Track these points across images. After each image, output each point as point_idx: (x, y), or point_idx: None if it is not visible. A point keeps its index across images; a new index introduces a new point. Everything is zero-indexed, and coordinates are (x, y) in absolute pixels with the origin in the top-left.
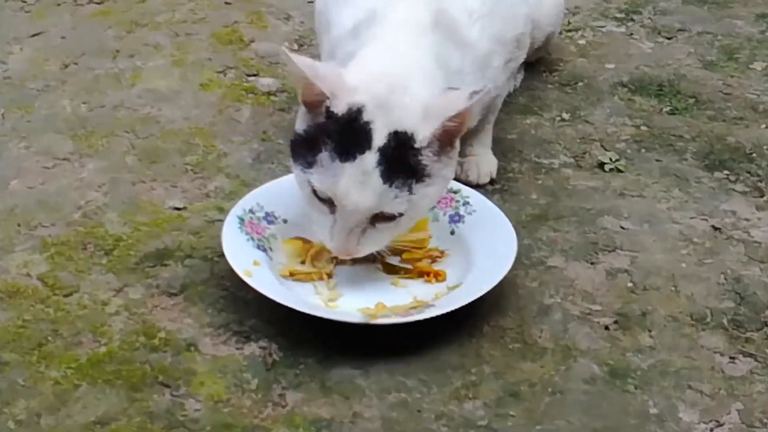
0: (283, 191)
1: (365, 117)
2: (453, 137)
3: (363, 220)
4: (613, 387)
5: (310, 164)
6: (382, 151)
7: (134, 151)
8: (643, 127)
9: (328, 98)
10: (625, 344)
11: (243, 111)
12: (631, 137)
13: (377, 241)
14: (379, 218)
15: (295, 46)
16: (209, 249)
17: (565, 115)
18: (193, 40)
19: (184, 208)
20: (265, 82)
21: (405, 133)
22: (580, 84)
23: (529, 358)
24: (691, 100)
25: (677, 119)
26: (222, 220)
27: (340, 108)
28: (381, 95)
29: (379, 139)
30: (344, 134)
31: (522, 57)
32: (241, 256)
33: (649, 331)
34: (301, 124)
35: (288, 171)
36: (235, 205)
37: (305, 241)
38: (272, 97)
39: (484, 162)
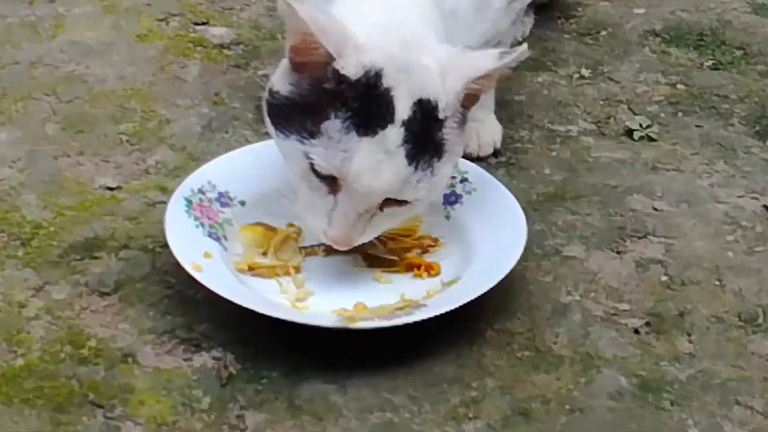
0: (239, 166)
1: (385, 83)
2: (471, 104)
3: (374, 206)
4: (644, 403)
5: (311, 134)
6: (408, 125)
7: (56, 117)
8: (679, 86)
9: (334, 59)
10: (659, 351)
11: (190, 68)
12: (666, 98)
13: (381, 227)
14: (392, 202)
15: None
16: (149, 238)
17: (585, 72)
18: None
19: (119, 188)
20: (217, 33)
21: (429, 102)
22: (603, 33)
23: (542, 368)
24: (739, 53)
25: (721, 76)
26: (165, 203)
27: (351, 70)
28: (398, 55)
29: (403, 110)
30: (361, 103)
31: None
32: (189, 247)
33: (689, 334)
34: (284, 83)
35: (247, 141)
36: (180, 184)
37: (267, 227)
38: (225, 51)
39: (486, 129)
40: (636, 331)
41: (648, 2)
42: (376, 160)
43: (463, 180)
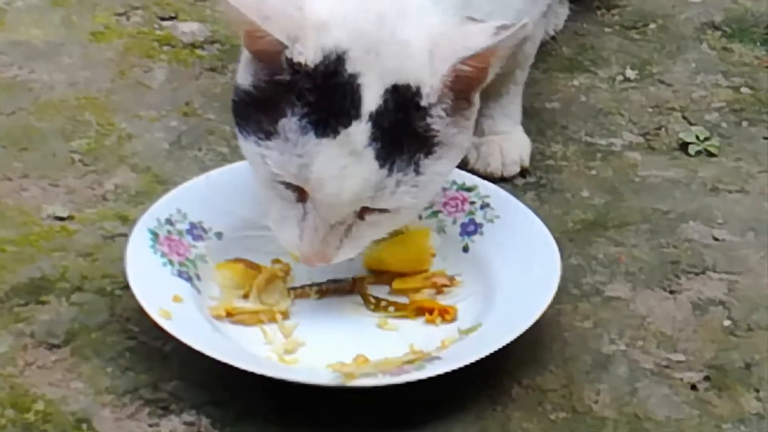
0: (215, 191)
1: (349, 68)
2: (470, 89)
3: (348, 216)
4: None
5: (267, 134)
6: (377, 119)
7: None
8: (744, 89)
9: (286, 47)
10: (721, 411)
11: (155, 72)
12: (727, 104)
13: (364, 239)
14: (372, 209)
15: None
16: (108, 278)
17: (630, 73)
18: None
19: (70, 218)
20: (188, 29)
21: (408, 87)
22: (652, 26)
23: None
24: None
25: None
26: (126, 235)
27: (309, 55)
28: (368, 31)
29: (371, 100)
30: (319, 95)
31: None
32: (155, 289)
33: (756, 391)
34: (245, 75)
35: (224, 161)
36: (144, 213)
37: (249, 264)
38: (197, 51)
39: (512, 144)
40: (693, 387)
41: None
42: (339, 165)
43: (484, 206)
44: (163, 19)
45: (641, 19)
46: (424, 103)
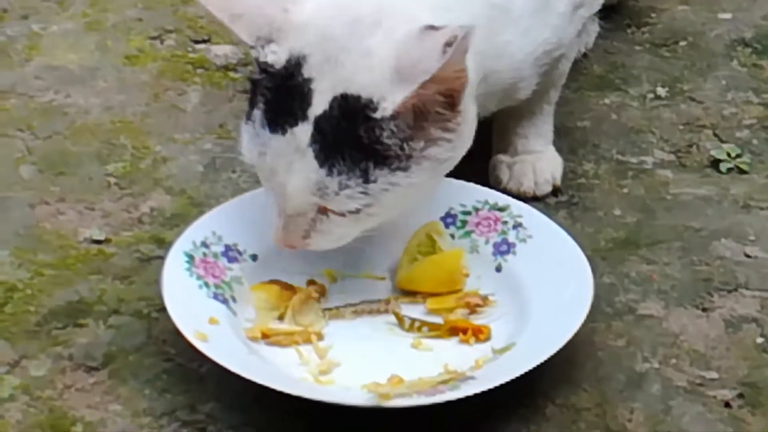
0: (250, 214)
1: (305, 72)
2: (451, 98)
3: (305, 209)
4: None
5: (247, 117)
6: (319, 122)
7: (32, 157)
8: None
9: (251, 47)
10: (755, 428)
11: (189, 95)
12: (759, 121)
13: (336, 234)
14: (329, 209)
15: None
16: (144, 301)
17: (661, 91)
18: None
19: (107, 241)
20: (221, 52)
21: (358, 98)
22: (683, 44)
23: None
24: None
25: None
26: (162, 258)
27: (279, 57)
28: (335, 38)
29: (318, 105)
30: (277, 95)
31: (598, 1)
32: (192, 311)
33: None
34: (254, 59)
35: (258, 183)
36: (180, 236)
37: (284, 286)
38: (231, 74)
39: (544, 163)
40: (727, 405)
41: (736, 5)
42: (286, 160)
43: (516, 225)
44: (196, 42)
45: (671, 37)
46: (376, 115)
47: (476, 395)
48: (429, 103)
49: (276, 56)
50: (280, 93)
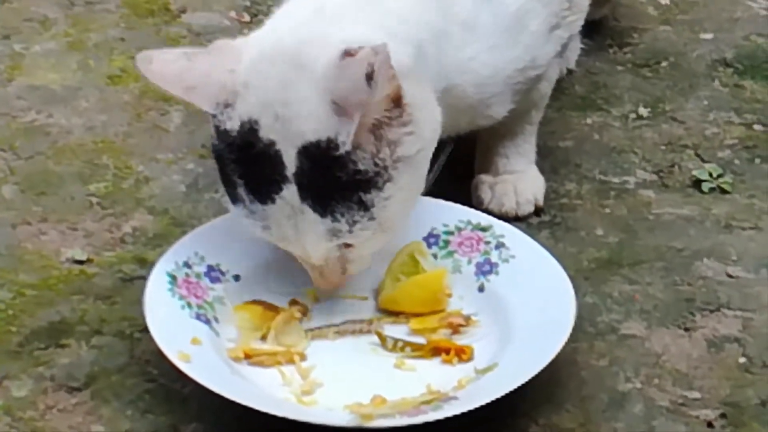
0: (233, 234)
1: (264, 136)
2: (396, 101)
3: (329, 255)
4: None
5: (234, 201)
6: (299, 179)
7: (14, 177)
8: (756, 126)
9: (213, 115)
10: None
11: (171, 115)
12: (740, 141)
13: (367, 255)
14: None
15: (245, 17)
16: (127, 321)
17: (643, 111)
18: (97, 12)
19: (89, 261)
20: None
21: (317, 144)
22: (664, 64)
23: None
24: None
25: None
26: (144, 278)
27: (233, 123)
28: (273, 95)
29: (290, 163)
30: (247, 165)
31: (578, 22)
32: (174, 332)
33: None
34: (213, 132)
35: None
36: (162, 256)
37: (267, 306)
38: None
39: (526, 183)
40: (710, 425)
41: (717, 26)
42: (291, 223)
43: (499, 246)
44: None
45: (653, 57)
46: (341, 152)
47: (459, 415)
48: (377, 116)
49: (232, 122)
50: (250, 163)
